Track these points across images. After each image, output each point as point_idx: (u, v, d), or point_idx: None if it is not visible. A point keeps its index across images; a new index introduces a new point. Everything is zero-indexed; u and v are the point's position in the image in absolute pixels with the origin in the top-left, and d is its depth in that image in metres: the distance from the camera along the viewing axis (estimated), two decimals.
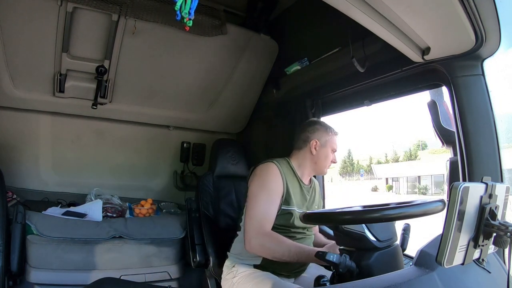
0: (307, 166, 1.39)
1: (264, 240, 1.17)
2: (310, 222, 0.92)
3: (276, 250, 1.15)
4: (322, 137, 1.38)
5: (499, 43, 1.00)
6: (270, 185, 1.26)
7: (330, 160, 1.40)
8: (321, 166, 1.40)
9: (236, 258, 1.32)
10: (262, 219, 1.19)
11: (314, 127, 1.41)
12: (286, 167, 1.34)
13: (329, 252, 0.81)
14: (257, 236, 1.17)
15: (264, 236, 1.17)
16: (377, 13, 0.93)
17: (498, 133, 1.07)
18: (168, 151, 2.49)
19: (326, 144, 1.39)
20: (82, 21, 1.64)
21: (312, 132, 1.40)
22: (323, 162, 1.39)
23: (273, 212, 1.23)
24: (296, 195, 1.33)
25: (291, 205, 1.28)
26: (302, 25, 1.87)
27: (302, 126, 1.46)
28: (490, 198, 0.69)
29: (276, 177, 1.27)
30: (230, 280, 1.27)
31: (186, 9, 0.81)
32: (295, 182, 1.35)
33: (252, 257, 1.26)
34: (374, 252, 0.83)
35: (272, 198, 1.24)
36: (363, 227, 0.83)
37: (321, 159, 1.38)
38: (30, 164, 2.14)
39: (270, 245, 1.16)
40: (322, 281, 0.82)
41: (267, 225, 1.19)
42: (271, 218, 1.22)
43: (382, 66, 1.39)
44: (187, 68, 2.01)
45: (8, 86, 1.83)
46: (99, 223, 1.79)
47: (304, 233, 1.33)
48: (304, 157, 1.39)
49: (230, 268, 1.31)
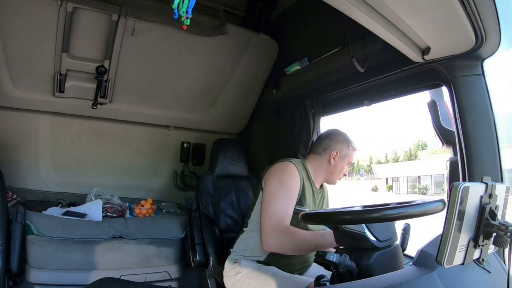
0: (321, 174, 1.41)
1: (281, 237, 1.17)
2: (310, 222, 0.92)
3: (294, 243, 1.16)
4: (343, 149, 1.39)
5: (499, 43, 1.00)
6: (289, 183, 1.26)
7: (343, 172, 1.42)
8: (334, 177, 1.41)
9: (240, 255, 1.32)
10: (280, 218, 1.20)
11: (338, 137, 1.42)
12: (302, 168, 1.35)
13: (329, 252, 0.80)
14: (274, 234, 1.17)
15: (281, 234, 1.17)
16: (377, 13, 0.93)
17: (498, 133, 1.07)
18: (168, 151, 2.49)
19: (345, 157, 1.40)
20: (82, 21, 1.64)
21: (335, 142, 1.40)
22: (337, 174, 1.40)
23: (290, 211, 1.24)
24: (309, 197, 1.34)
25: (304, 206, 1.30)
26: (302, 25, 1.87)
27: (326, 132, 1.47)
28: (490, 198, 0.69)
29: (294, 176, 1.28)
30: (233, 276, 1.27)
31: (184, 7, 0.81)
32: (309, 184, 1.36)
33: (257, 253, 1.27)
34: (374, 252, 0.83)
35: (290, 196, 1.25)
36: (363, 227, 0.83)
37: (337, 171, 1.40)
38: (30, 164, 2.14)
39: (287, 241, 1.17)
40: (322, 281, 0.82)
41: (286, 221, 1.20)
42: (289, 216, 1.23)
43: (382, 66, 1.39)
44: (187, 68, 2.01)
45: (8, 86, 1.83)
46: (99, 223, 1.78)
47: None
48: (321, 164, 1.40)
49: (233, 264, 1.31)
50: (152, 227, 1.86)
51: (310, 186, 1.37)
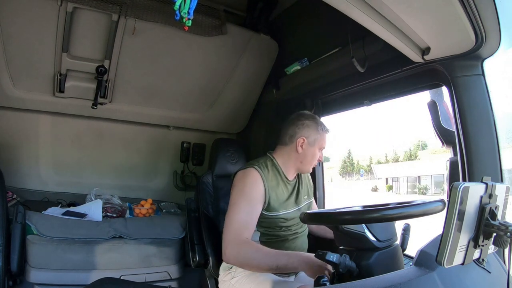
0: (291, 164, 1.31)
1: (239, 249, 1.08)
2: (310, 222, 0.92)
3: (251, 258, 1.05)
4: (311, 135, 1.28)
5: (499, 43, 1.00)
6: (250, 192, 1.18)
7: (316, 159, 1.31)
8: (306, 166, 1.31)
9: None
10: (240, 228, 1.12)
11: (303, 122, 1.30)
12: (270, 167, 1.27)
13: (329, 252, 0.80)
14: (232, 245, 1.09)
15: (239, 245, 1.09)
16: (377, 13, 0.93)
17: (498, 133, 1.07)
18: (168, 151, 2.49)
19: (314, 143, 1.29)
20: (82, 21, 1.64)
21: (301, 128, 1.29)
22: (309, 162, 1.30)
23: (253, 221, 1.16)
24: (281, 196, 1.27)
25: (274, 211, 1.24)
26: (302, 25, 1.87)
27: (290, 119, 1.35)
28: (490, 198, 0.69)
29: (256, 183, 1.20)
30: (228, 281, 1.25)
31: (185, 8, 0.81)
32: (280, 181, 1.29)
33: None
34: (374, 252, 0.82)
35: (252, 206, 1.17)
36: (363, 227, 0.83)
37: (307, 159, 1.29)
38: (30, 164, 2.14)
39: (245, 254, 1.07)
40: (322, 281, 0.82)
41: (244, 234, 1.11)
42: (251, 227, 1.15)
43: (382, 66, 1.38)
44: (187, 68, 2.01)
45: (8, 86, 1.83)
46: (99, 223, 1.79)
47: (296, 232, 1.31)
48: (289, 154, 1.30)
49: (228, 269, 1.29)
50: (152, 227, 1.86)
51: (282, 182, 1.29)
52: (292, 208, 1.30)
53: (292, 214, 1.29)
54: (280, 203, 1.26)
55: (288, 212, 1.28)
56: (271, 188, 1.23)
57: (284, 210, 1.27)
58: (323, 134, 1.31)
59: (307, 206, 1.38)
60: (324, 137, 1.32)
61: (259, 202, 1.19)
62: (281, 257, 1.04)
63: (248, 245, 1.09)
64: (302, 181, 1.39)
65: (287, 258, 1.03)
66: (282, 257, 1.04)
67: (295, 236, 1.31)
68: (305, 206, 1.37)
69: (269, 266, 1.04)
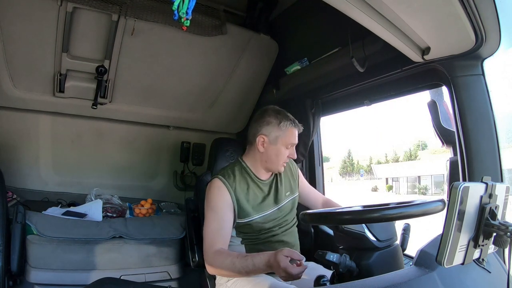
0: (259, 164, 1.25)
1: (212, 259, 1.10)
2: (310, 222, 0.92)
3: (223, 266, 1.06)
4: (271, 132, 1.21)
5: (499, 43, 1.00)
6: (216, 203, 1.17)
7: (285, 157, 1.23)
8: (273, 165, 1.24)
9: None
10: (212, 239, 1.13)
11: (264, 119, 1.22)
12: (237, 171, 1.24)
13: (329, 252, 0.80)
14: (207, 257, 1.12)
15: (213, 256, 1.10)
16: (377, 13, 0.93)
17: (498, 133, 1.07)
18: (168, 151, 2.49)
19: (276, 140, 1.21)
20: (82, 21, 1.64)
21: (261, 125, 1.22)
22: (275, 161, 1.23)
23: (224, 229, 1.15)
24: (254, 199, 1.23)
25: (246, 217, 1.21)
26: (302, 25, 1.87)
27: (255, 116, 1.29)
28: (490, 198, 0.69)
29: (220, 194, 1.18)
30: (224, 284, 1.23)
31: (184, 8, 0.81)
32: (250, 184, 1.25)
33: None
34: (374, 252, 0.83)
35: (220, 216, 1.16)
36: (363, 227, 0.83)
37: (272, 158, 1.22)
38: (30, 164, 2.14)
39: (218, 263, 1.08)
40: (322, 281, 0.82)
41: (217, 244, 1.12)
42: (224, 236, 1.15)
43: (382, 66, 1.38)
44: (187, 68, 2.01)
45: (8, 86, 1.83)
46: (99, 223, 1.79)
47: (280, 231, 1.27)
48: (254, 153, 1.25)
49: None
50: (152, 227, 1.86)
51: (254, 185, 1.25)
52: (270, 209, 1.26)
53: (272, 215, 1.26)
54: (253, 207, 1.22)
55: (265, 214, 1.24)
56: (240, 193, 1.21)
57: (261, 213, 1.23)
58: (288, 130, 1.22)
59: (291, 203, 1.33)
60: (290, 133, 1.22)
61: (227, 211, 1.18)
62: (247, 260, 1.03)
63: (219, 254, 1.10)
64: (282, 178, 1.33)
65: (251, 260, 1.02)
66: (248, 261, 1.02)
67: (280, 235, 1.27)
68: (289, 203, 1.32)
69: (239, 271, 1.04)
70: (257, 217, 1.22)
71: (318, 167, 2.03)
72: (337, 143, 68.55)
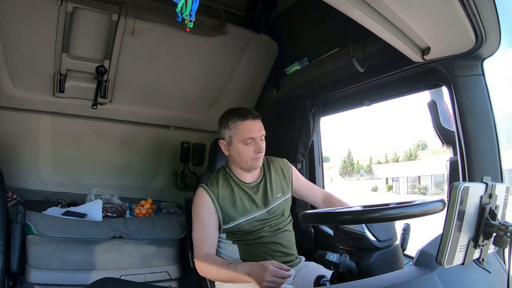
0: (236, 167, 1.28)
1: (200, 264, 1.16)
2: (310, 222, 0.92)
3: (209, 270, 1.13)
4: (225, 134, 1.23)
5: (499, 43, 1.00)
6: (200, 211, 1.22)
7: (249, 153, 1.20)
8: (244, 163, 1.23)
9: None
10: (199, 245, 1.19)
11: (220, 122, 1.27)
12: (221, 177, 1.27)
13: (329, 252, 0.80)
14: (197, 261, 1.17)
15: (201, 260, 1.15)
16: (377, 13, 0.93)
17: (498, 133, 1.07)
18: (168, 151, 2.49)
19: (232, 140, 1.22)
20: (82, 21, 1.64)
21: (219, 131, 1.26)
22: (243, 159, 1.22)
23: (210, 234, 1.20)
24: (239, 203, 1.24)
25: (231, 221, 1.22)
26: (302, 25, 1.88)
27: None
28: (490, 198, 0.69)
29: (203, 202, 1.22)
30: (224, 285, 1.25)
31: (187, 10, 0.81)
32: (235, 188, 1.26)
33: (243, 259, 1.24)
34: (374, 252, 0.83)
35: (205, 223, 1.20)
36: (363, 227, 0.83)
37: (236, 158, 1.23)
38: (30, 164, 2.14)
39: (205, 268, 1.14)
40: (322, 281, 0.82)
41: (204, 249, 1.17)
42: (210, 241, 1.19)
43: (382, 66, 1.39)
44: (187, 68, 2.01)
45: (8, 86, 1.83)
46: (99, 223, 1.79)
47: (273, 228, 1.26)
48: (228, 158, 1.31)
49: None
50: (152, 227, 1.86)
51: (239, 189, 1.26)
52: (259, 211, 1.26)
53: (260, 217, 1.26)
54: (239, 210, 1.23)
55: (253, 216, 1.24)
56: (223, 199, 1.23)
57: (248, 216, 1.24)
58: (237, 126, 1.20)
59: (284, 203, 1.32)
60: (240, 128, 1.20)
61: (211, 217, 1.21)
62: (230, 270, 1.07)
63: (205, 259, 1.15)
64: (272, 179, 1.32)
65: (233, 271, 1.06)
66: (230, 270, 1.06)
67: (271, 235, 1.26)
68: (280, 204, 1.31)
69: (224, 278, 1.11)
70: (242, 221, 1.23)
71: (318, 167, 2.03)
72: (337, 143, 68.55)
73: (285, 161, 1.41)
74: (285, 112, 2.05)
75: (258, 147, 1.21)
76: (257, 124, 1.22)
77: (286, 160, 1.42)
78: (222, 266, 1.09)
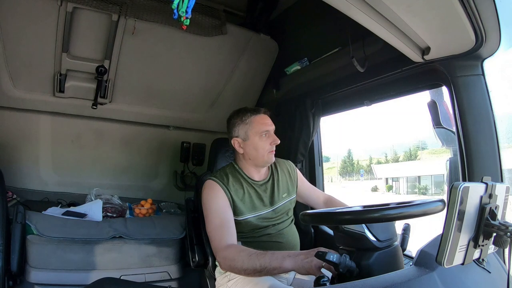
0: (248, 164, 1.28)
1: (224, 254, 1.08)
2: (310, 222, 0.92)
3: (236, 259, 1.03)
4: (239, 131, 1.25)
5: (499, 43, 1.00)
6: (214, 201, 1.19)
7: (266, 146, 1.23)
8: (260, 159, 1.25)
9: None
10: (219, 236, 1.13)
11: (230, 124, 1.28)
12: (230, 173, 1.26)
13: (329, 252, 0.80)
14: (219, 253, 1.10)
15: (224, 251, 1.09)
16: (377, 13, 0.93)
17: (498, 133, 1.07)
18: (168, 151, 2.49)
19: (247, 135, 1.24)
20: (82, 21, 1.64)
21: (230, 130, 1.28)
22: (259, 154, 1.24)
23: (228, 223, 1.15)
24: (248, 199, 1.25)
25: (241, 215, 1.22)
26: (302, 25, 1.88)
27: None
28: (490, 198, 0.69)
29: (217, 192, 1.20)
30: (224, 284, 1.24)
31: (183, 7, 0.81)
32: (244, 184, 1.26)
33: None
34: (374, 252, 0.82)
35: (221, 213, 1.17)
36: (363, 227, 0.83)
37: (253, 153, 1.24)
38: (30, 164, 2.14)
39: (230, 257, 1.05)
40: (322, 281, 0.82)
41: (225, 240, 1.11)
42: (230, 231, 1.14)
43: (382, 66, 1.39)
44: (187, 68, 2.01)
45: (8, 86, 1.83)
46: (99, 223, 1.79)
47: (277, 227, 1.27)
48: (238, 156, 1.30)
49: (223, 272, 1.26)
50: (152, 227, 1.86)
51: (248, 185, 1.27)
52: (264, 210, 1.27)
53: (266, 215, 1.26)
54: (247, 206, 1.24)
55: (259, 214, 1.25)
56: (235, 191, 1.23)
57: (254, 213, 1.24)
58: (252, 120, 1.24)
59: (289, 203, 1.34)
60: (256, 121, 1.24)
61: (226, 207, 1.19)
62: (264, 256, 0.98)
63: (230, 248, 1.08)
64: (280, 179, 1.34)
65: (270, 256, 0.97)
66: (265, 256, 0.98)
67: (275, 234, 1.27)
68: (285, 204, 1.32)
69: (253, 266, 0.99)
70: (250, 217, 1.24)
71: (318, 167, 2.03)
72: (337, 143, 68.60)
73: (290, 163, 1.44)
74: (285, 112, 2.05)
75: (274, 139, 1.25)
76: (269, 118, 1.28)
77: (291, 162, 1.44)
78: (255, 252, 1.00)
